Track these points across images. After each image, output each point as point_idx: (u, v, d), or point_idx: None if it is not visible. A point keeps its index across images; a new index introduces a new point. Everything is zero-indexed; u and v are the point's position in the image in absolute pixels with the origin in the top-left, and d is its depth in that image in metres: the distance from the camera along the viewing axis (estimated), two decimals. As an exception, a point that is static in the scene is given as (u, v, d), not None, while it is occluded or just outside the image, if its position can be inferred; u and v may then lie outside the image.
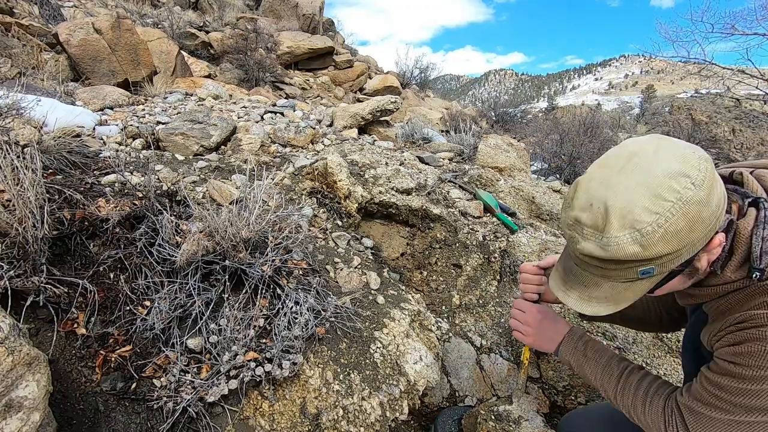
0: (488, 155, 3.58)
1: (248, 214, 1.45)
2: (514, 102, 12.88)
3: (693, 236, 0.69)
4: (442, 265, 2.34)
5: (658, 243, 0.68)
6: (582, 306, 0.83)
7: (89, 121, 2.59)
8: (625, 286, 0.78)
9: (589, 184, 0.75)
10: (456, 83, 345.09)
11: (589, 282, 0.82)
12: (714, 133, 13.39)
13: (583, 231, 0.74)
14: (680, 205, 0.66)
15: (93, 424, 1.05)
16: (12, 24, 3.98)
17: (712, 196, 0.68)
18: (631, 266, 0.73)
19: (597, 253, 0.73)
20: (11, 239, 1.14)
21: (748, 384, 0.76)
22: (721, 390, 0.80)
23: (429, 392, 1.62)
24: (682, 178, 0.67)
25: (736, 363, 0.78)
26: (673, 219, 0.67)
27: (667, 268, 0.74)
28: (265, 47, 8.18)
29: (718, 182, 0.71)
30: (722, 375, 0.81)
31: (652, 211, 0.67)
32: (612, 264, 0.74)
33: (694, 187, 0.66)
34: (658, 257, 0.70)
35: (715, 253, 0.77)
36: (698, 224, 0.68)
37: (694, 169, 0.68)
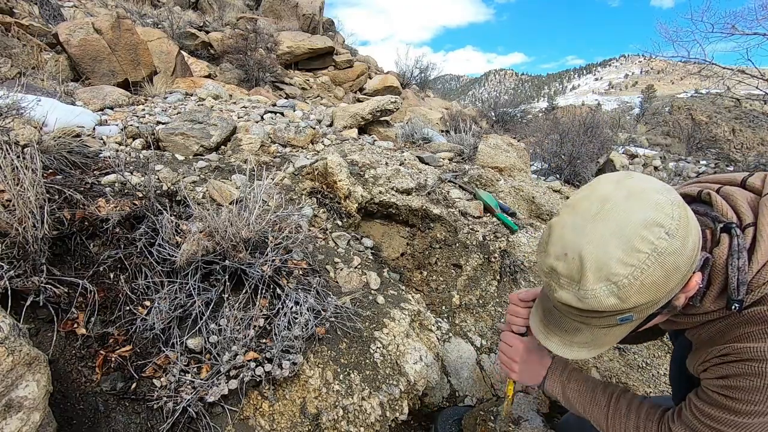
0: (488, 155, 3.58)
1: (248, 214, 1.45)
2: (514, 102, 12.87)
3: (669, 285, 0.68)
4: (442, 265, 2.34)
5: (635, 295, 0.67)
6: (564, 351, 0.83)
7: (89, 121, 2.59)
8: (605, 331, 0.78)
9: (562, 231, 0.74)
10: (456, 83, 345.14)
11: (569, 327, 0.82)
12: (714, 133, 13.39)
13: (559, 281, 0.74)
14: (655, 257, 0.65)
15: (93, 424, 1.05)
16: (12, 24, 3.98)
17: (686, 243, 0.67)
18: (610, 315, 0.73)
19: (575, 304, 0.73)
20: (11, 239, 1.14)
21: (741, 418, 0.76)
22: (714, 421, 0.80)
23: (429, 392, 1.62)
24: (656, 228, 0.66)
25: (726, 396, 0.77)
26: (649, 270, 0.66)
27: (646, 314, 0.74)
28: (265, 47, 8.18)
29: (693, 226, 0.70)
30: (713, 407, 0.80)
31: (628, 264, 0.66)
32: (590, 313, 0.74)
33: (668, 237, 0.65)
34: (636, 306, 0.70)
35: (693, 291, 0.76)
36: (674, 273, 0.67)
37: (668, 218, 0.66)
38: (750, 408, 0.74)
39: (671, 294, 0.71)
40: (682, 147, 13.66)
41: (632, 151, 11.96)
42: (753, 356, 0.73)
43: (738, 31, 7.08)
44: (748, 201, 0.79)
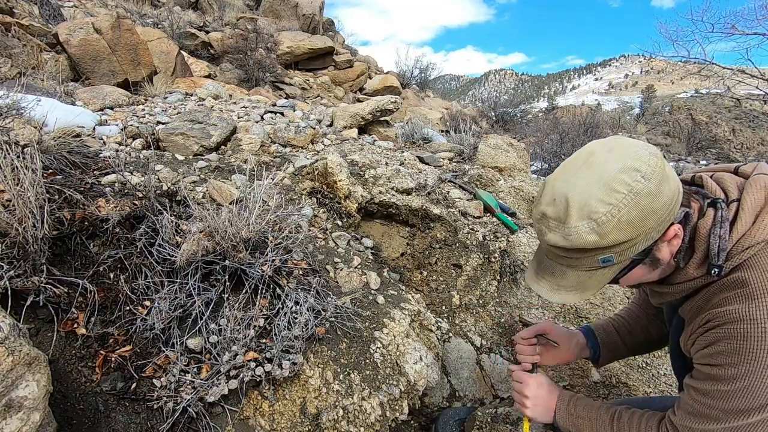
0: (488, 155, 3.58)
1: (248, 214, 1.44)
2: (514, 102, 12.88)
3: (646, 225, 0.74)
4: (442, 265, 2.34)
5: (613, 231, 0.74)
6: (552, 295, 0.89)
7: (89, 121, 2.59)
8: (589, 274, 0.84)
9: (554, 182, 0.82)
10: (456, 83, 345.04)
11: (557, 272, 0.88)
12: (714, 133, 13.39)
13: (548, 224, 0.81)
14: (631, 197, 0.72)
15: (93, 424, 1.05)
16: (12, 24, 3.98)
17: (662, 188, 0.74)
18: (591, 255, 0.79)
19: (561, 243, 0.79)
20: (11, 239, 1.14)
21: (731, 384, 0.77)
22: (708, 397, 0.81)
23: (429, 392, 1.62)
24: (633, 172, 0.73)
25: (713, 365, 0.80)
26: (626, 209, 0.73)
27: (626, 257, 0.79)
28: (265, 47, 8.18)
29: (671, 178, 0.76)
30: (705, 380, 0.82)
31: (606, 202, 0.73)
32: (575, 253, 0.80)
33: (644, 180, 0.72)
34: (614, 245, 0.76)
35: (675, 245, 0.82)
36: (650, 214, 0.74)
37: (644, 164, 0.74)
38: (732, 371, 0.76)
39: (649, 237, 0.77)
40: (682, 147, 13.66)
41: (632, 151, 11.95)
42: (729, 318, 0.76)
43: (738, 30, 7.08)
44: (736, 183, 0.85)
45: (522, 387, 1.19)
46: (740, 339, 0.75)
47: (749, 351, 0.74)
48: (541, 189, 0.86)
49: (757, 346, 0.73)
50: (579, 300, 0.87)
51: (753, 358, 0.73)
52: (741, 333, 0.74)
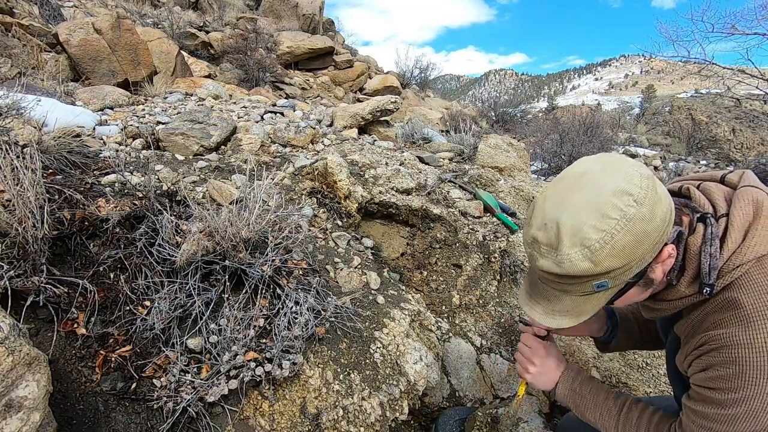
0: (488, 155, 3.58)
1: (248, 214, 1.44)
2: (514, 102, 12.88)
3: (640, 250, 0.73)
4: (442, 265, 2.34)
5: (607, 258, 0.72)
6: (547, 320, 0.87)
7: (89, 121, 2.59)
8: (584, 299, 0.82)
9: (544, 204, 0.80)
10: (456, 83, 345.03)
11: (551, 296, 0.86)
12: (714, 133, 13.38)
13: (540, 249, 0.79)
14: (624, 222, 0.70)
15: (93, 424, 1.04)
16: (12, 24, 3.98)
17: (655, 211, 0.72)
18: (585, 281, 0.77)
19: (553, 270, 0.77)
20: (11, 239, 1.14)
21: (733, 408, 0.76)
22: (708, 420, 0.80)
23: (429, 392, 1.62)
24: (625, 197, 0.71)
25: (712, 389, 0.79)
26: (619, 236, 0.71)
27: (621, 281, 0.78)
28: (265, 47, 8.18)
29: (663, 197, 0.74)
30: (704, 403, 0.81)
31: (599, 229, 0.71)
32: (568, 279, 0.78)
33: (636, 205, 0.70)
34: (609, 271, 0.74)
35: (669, 264, 0.80)
36: (644, 239, 0.72)
37: (636, 187, 0.71)
38: (732, 396, 0.75)
39: (642, 261, 0.75)
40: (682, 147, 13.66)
41: (632, 151, 11.95)
42: (726, 342, 0.75)
43: (738, 30, 7.08)
44: (724, 194, 0.84)
45: (531, 353, 1.16)
46: (739, 364, 0.74)
47: (750, 377, 0.73)
48: (531, 210, 0.83)
49: (757, 372, 0.72)
50: (575, 323, 0.84)
51: (753, 383, 0.73)
52: (739, 358, 0.73)
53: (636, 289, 0.83)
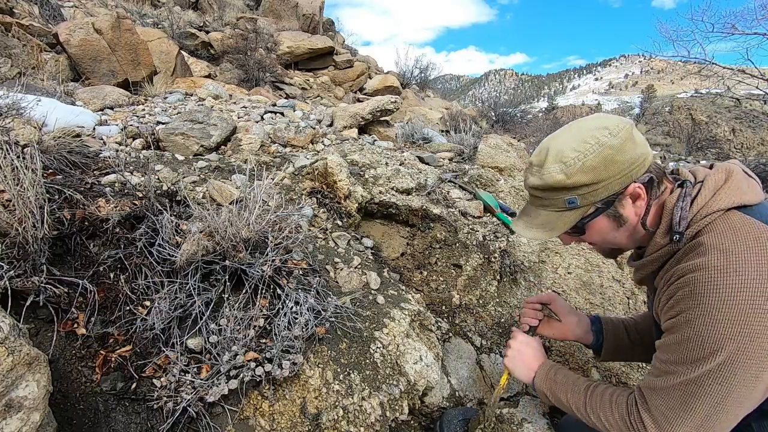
0: (488, 155, 3.58)
1: (248, 214, 1.44)
2: (514, 102, 12.86)
3: (607, 173, 0.87)
4: (442, 265, 2.34)
5: (578, 173, 0.88)
6: (525, 231, 1.02)
7: (89, 121, 2.59)
8: (557, 215, 0.96)
9: (544, 141, 0.98)
10: (456, 83, 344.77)
11: (533, 212, 1.02)
12: (714, 133, 13.38)
13: (532, 169, 0.97)
14: (597, 147, 0.86)
15: (93, 424, 1.04)
16: (12, 24, 3.98)
17: (625, 146, 0.87)
18: (559, 194, 0.93)
19: (536, 183, 0.95)
20: (11, 239, 1.14)
21: (684, 331, 0.82)
22: (666, 352, 0.87)
23: (429, 392, 1.61)
24: (603, 130, 0.88)
25: (671, 317, 0.86)
26: (591, 156, 0.86)
27: (588, 201, 0.92)
28: (265, 47, 8.18)
29: (638, 142, 0.89)
30: (665, 336, 0.88)
31: (576, 150, 0.88)
32: (547, 192, 0.95)
33: (610, 136, 0.87)
34: (578, 186, 0.89)
35: (639, 206, 0.93)
36: (611, 164, 0.87)
37: (613, 125, 0.88)
38: (685, 318, 0.81)
39: (608, 187, 0.89)
40: (682, 147, 13.66)
41: (632, 151, 11.94)
42: (685, 271, 0.84)
43: (738, 30, 7.08)
44: (706, 171, 0.96)
45: (513, 341, 1.30)
46: (692, 285, 0.80)
47: (700, 295, 0.79)
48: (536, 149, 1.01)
49: (707, 291, 0.78)
50: (547, 237, 0.98)
51: (703, 302, 0.78)
52: (693, 280, 0.80)
53: (605, 220, 0.95)
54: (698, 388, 0.80)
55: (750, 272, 0.75)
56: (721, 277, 0.76)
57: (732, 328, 0.74)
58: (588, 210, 0.93)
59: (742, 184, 0.88)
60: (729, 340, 0.75)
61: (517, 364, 1.26)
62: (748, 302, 0.73)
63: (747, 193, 0.86)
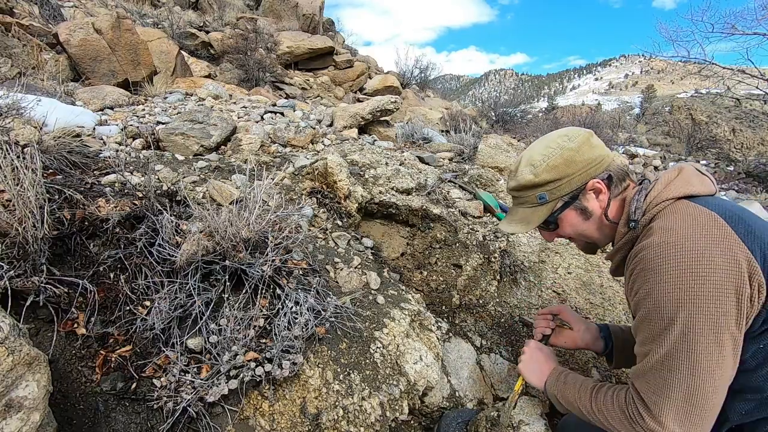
0: (488, 155, 3.58)
1: (248, 214, 1.44)
2: (514, 102, 12.84)
3: (568, 171, 1.04)
4: (442, 265, 2.34)
5: (544, 172, 1.06)
6: (506, 227, 1.18)
7: (89, 121, 2.59)
8: (531, 210, 1.12)
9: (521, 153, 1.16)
10: (456, 83, 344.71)
11: (513, 211, 1.19)
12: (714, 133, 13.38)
13: (510, 175, 1.17)
14: (559, 150, 1.05)
15: (93, 424, 1.04)
16: (12, 24, 3.98)
17: (582, 149, 1.04)
18: (531, 191, 1.10)
19: (513, 185, 1.14)
20: (11, 239, 1.14)
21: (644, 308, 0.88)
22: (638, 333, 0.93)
23: (429, 392, 1.61)
24: (564, 137, 1.08)
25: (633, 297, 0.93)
26: (554, 158, 1.05)
27: (556, 195, 1.07)
28: (265, 47, 8.18)
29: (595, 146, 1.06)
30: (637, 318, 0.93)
31: (542, 154, 1.07)
32: (521, 191, 1.12)
33: (569, 141, 1.06)
34: (545, 183, 1.07)
35: (602, 200, 1.07)
36: (571, 164, 1.04)
37: (573, 133, 1.08)
38: (642, 294, 0.88)
39: (571, 183, 1.05)
40: (682, 147, 13.66)
41: (632, 151, 11.95)
42: (638, 251, 0.93)
43: (738, 30, 7.08)
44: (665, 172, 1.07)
45: (526, 348, 1.38)
46: (643, 263, 0.89)
47: (649, 270, 0.87)
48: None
49: (654, 265, 0.86)
50: (524, 230, 1.13)
51: (652, 276, 0.86)
52: (643, 258, 0.89)
53: (573, 213, 1.10)
54: (670, 361, 0.84)
55: (688, 244, 0.84)
56: (664, 251, 0.85)
57: (680, 295, 0.82)
58: (556, 204, 1.09)
59: (692, 178, 0.99)
60: (680, 308, 0.82)
61: (530, 370, 1.32)
62: (688, 270, 0.81)
63: (695, 186, 0.97)
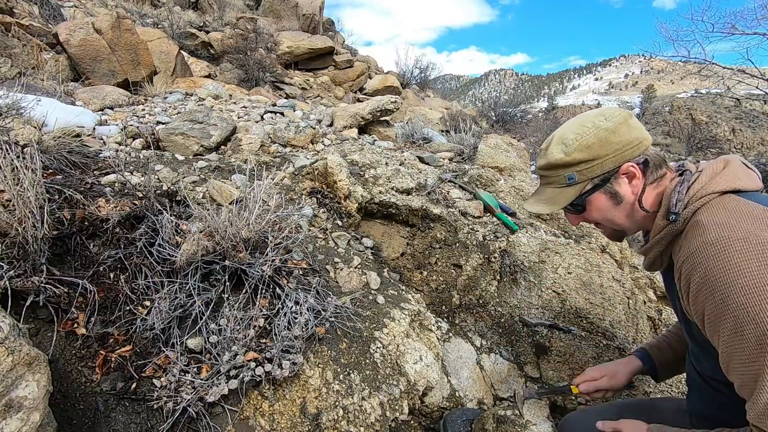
0: (488, 155, 3.58)
1: (248, 214, 1.44)
2: (514, 102, 12.84)
3: (601, 151, 0.97)
4: (442, 265, 2.34)
5: (575, 152, 0.99)
6: (531, 206, 1.12)
7: (89, 121, 2.59)
8: (559, 191, 1.06)
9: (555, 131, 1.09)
10: (456, 83, 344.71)
11: (540, 191, 1.13)
12: (714, 133, 13.38)
13: (540, 153, 1.10)
14: (594, 130, 0.98)
15: (93, 424, 1.04)
16: (12, 24, 3.98)
17: (620, 129, 0.97)
18: (560, 171, 1.04)
19: (542, 163, 1.08)
20: (11, 239, 1.14)
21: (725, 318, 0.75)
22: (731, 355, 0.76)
23: (429, 392, 1.61)
24: (600, 116, 1.00)
25: (701, 311, 0.81)
26: (587, 137, 0.98)
27: (586, 177, 1.01)
28: (265, 47, 8.18)
29: (633, 128, 0.98)
30: (715, 340, 0.80)
31: (576, 132, 1.00)
32: (550, 170, 1.06)
33: (606, 121, 0.98)
34: (576, 163, 1.00)
35: (636, 185, 1.00)
36: (606, 144, 0.97)
37: (610, 113, 1.01)
38: (718, 298, 0.76)
39: (603, 165, 0.98)
40: (682, 147, 13.66)
41: (632, 151, 11.93)
42: (691, 252, 0.84)
43: (738, 30, 7.08)
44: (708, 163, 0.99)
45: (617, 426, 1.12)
46: (703, 267, 0.79)
47: (715, 273, 0.77)
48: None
49: (719, 266, 0.76)
50: (549, 210, 1.07)
51: (722, 280, 0.75)
52: (703, 262, 0.80)
53: (603, 197, 1.02)
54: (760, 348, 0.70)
55: (750, 235, 0.76)
56: (727, 248, 0.76)
57: (763, 289, 0.70)
58: (586, 186, 1.02)
59: (739, 172, 0.92)
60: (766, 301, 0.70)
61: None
62: (760, 263, 0.72)
63: (743, 180, 0.90)
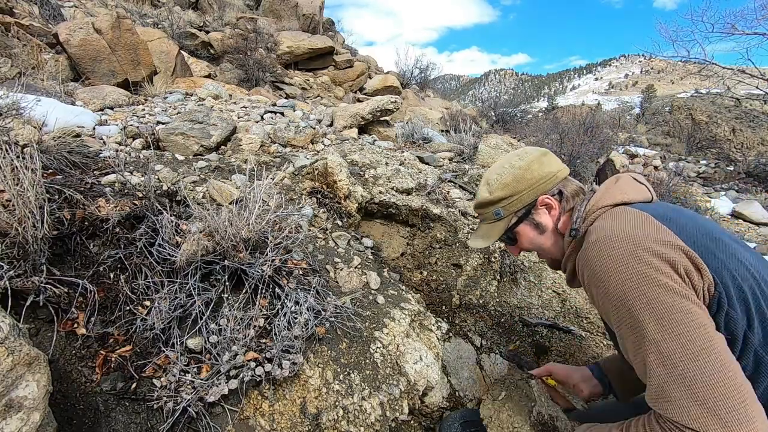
0: (488, 155, 3.58)
1: (248, 214, 1.44)
2: (514, 102, 12.83)
3: (518, 187, 1.11)
4: (442, 265, 2.34)
5: (497, 190, 1.13)
6: (472, 242, 1.24)
7: (89, 121, 2.59)
8: (491, 225, 1.19)
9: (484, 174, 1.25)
10: (456, 83, 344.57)
11: (477, 228, 1.27)
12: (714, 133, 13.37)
13: (474, 197, 1.27)
14: (510, 169, 1.13)
15: (93, 424, 1.04)
16: (12, 24, 3.98)
17: (532, 167, 1.11)
18: (488, 208, 1.17)
19: (474, 203, 1.23)
20: (11, 239, 1.14)
21: (609, 308, 0.87)
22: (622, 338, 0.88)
23: (429, 392, 1.61)
24: (516, 157, 1.16)
25: (595, 303, 0.93)
26: (505, 176, 1.13)
27: (510, 211, 1.14)
28: (265, 47, 8.18)
29: (546, 165, 1.12)
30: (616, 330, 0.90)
31: (497, 173, 1.15)
32: (481, 208, 1.20)
33: (519, 160, 1.14)
34: (499, 200, 1.14)
35: (554, 215, 1.12)
36: (521, 181, 1.11)
37: (525, 153, 1.15)
38: (601, 295, 0.88)
39: (522, 199, 1.12)
40: (682, 147, 13.66)
41: (632, 151, 11.94)
42: (581, 256, 0.96)
43: (738, 30, 7.08)
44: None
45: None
46: (588, 266, 0.90)
47: (596, 272, 0.88)
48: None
49: (598, 262, 0.88)
50: (485, 244, 1.18)
51: (602, 274, 0.87)
52: (587, 260, 0.91)
53: (528, 228, 1.14)
54: (663, 350, 0.77)
55: (621, 235, 0.87)
56: (605, 246, 0.88)
57: (632, 283, 0.82)
58: (511, 219, 1.15)
59: (626, 187, 1.04)
60: (637, 295, 0.81)
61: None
62: (629, 255, 0.84)
63: (629, 193, 1.02)
